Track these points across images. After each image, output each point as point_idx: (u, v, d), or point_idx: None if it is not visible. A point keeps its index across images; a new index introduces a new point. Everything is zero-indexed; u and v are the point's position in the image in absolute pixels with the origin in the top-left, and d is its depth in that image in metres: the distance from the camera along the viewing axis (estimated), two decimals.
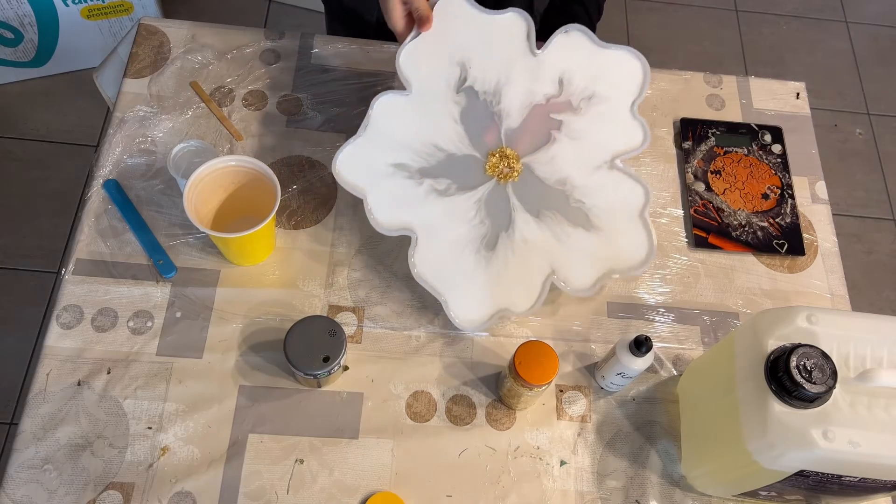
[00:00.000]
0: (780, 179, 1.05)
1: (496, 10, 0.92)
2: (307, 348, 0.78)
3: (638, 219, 0.90)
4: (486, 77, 0.92)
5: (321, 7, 1.22)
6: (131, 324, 0.86)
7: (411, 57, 0.90)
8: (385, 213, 0.86)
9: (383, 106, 0.89)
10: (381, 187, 0.87)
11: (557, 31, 0.93)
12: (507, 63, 0.92)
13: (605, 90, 0.93)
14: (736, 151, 1.06)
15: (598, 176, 0.91)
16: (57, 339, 0.84)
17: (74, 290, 0.87)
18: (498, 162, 0.90)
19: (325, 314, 0.88)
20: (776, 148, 1.07)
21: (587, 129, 0.92)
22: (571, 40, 0.93)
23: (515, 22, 0.92)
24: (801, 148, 1.09)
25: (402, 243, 0.94)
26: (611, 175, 0.92)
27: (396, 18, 0.87)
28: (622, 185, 0.91)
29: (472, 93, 0.91)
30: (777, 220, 1.02)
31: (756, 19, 2.31)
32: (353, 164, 0.87)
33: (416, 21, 0.88)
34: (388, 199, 0.87)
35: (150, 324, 0.86)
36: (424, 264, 0.86)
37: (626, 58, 0.95)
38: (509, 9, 0.92)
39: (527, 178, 0.91)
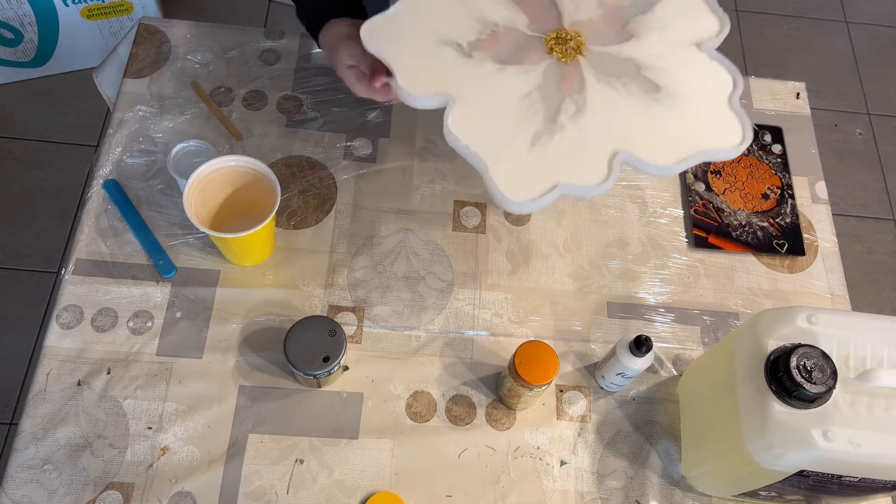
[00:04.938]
0: (780, 179, 1.05)
1: None
2: (307, 348, 0.78)
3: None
4: None
5: None
6: (131, 324, 0.86)
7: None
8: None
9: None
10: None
11: None
12: None
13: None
14: None
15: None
16: (57, 339, 0.84)
17: (74, 290, 0.87)
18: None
19: (325, 314, 0.88)
20: (776, 148, 1.07)
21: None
22: None
23: None
24: (801, 148, 1.08)
25: (402, 243, 0.94)
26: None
27: (359, 86, 0.79)
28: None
29: None
30: (777, 220, 1.02)
31: (756, 19, 2.30)
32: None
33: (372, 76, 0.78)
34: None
35: (150, 324, 0.86)
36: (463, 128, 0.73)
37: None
38: None
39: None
